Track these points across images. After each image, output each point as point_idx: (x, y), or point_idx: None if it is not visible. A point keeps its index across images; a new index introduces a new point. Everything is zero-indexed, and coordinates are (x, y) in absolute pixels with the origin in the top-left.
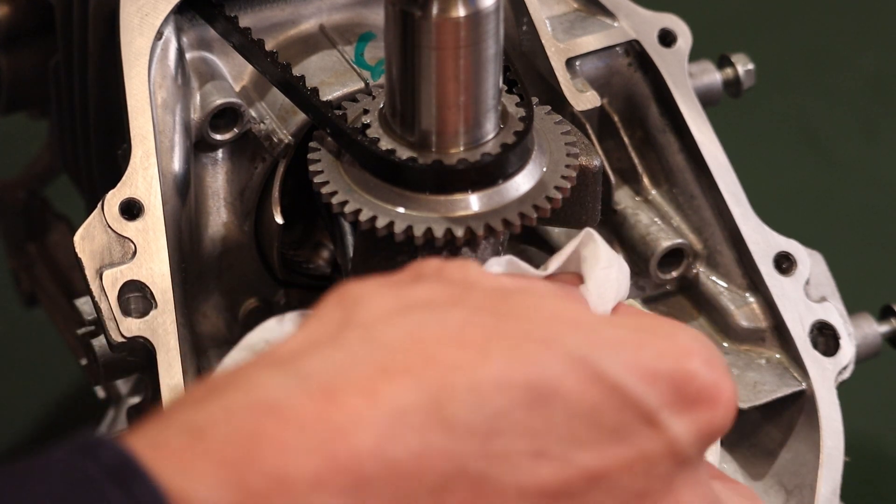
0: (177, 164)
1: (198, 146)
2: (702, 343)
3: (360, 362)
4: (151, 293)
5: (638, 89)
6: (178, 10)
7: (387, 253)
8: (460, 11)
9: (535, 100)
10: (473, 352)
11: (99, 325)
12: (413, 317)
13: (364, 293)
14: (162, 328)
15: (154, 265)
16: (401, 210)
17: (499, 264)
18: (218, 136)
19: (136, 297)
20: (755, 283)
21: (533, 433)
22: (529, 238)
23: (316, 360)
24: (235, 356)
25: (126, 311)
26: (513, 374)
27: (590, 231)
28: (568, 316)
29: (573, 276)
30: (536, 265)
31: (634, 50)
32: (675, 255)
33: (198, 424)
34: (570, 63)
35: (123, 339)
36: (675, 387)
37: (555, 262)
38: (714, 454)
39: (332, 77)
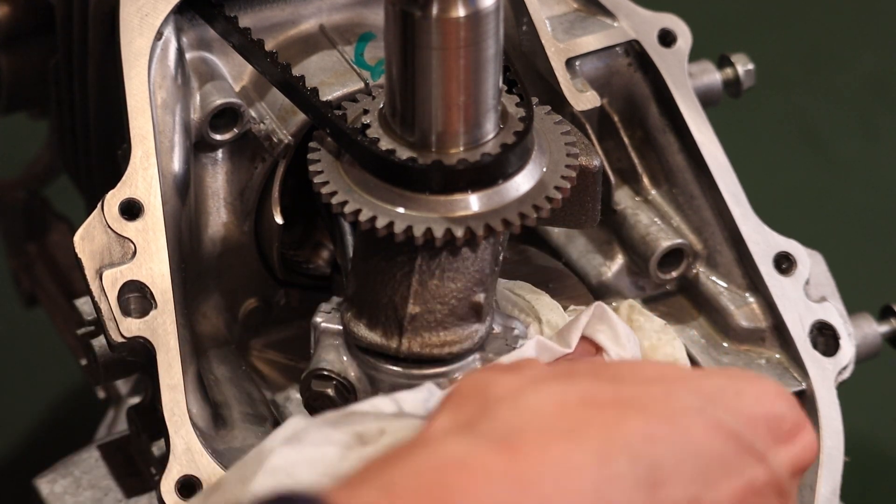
0: (177, 165)
1: (198, 146)
2: (780, 387)
3: (522, 425)
4: (151, 293)
5: (638, 89)
6: (177, 11)
7: (387, 253)
8: (460, 11)
9: (535, 100)
10: (612, 412)
11: (99, 326)
12: (546, 388)
13: (486, 378)
14: (162, 328)
15: (154, 265)
16: (401, 210)
17: (530, 347)
18: (218, 137)
19: (136, 297)
20: (755, 283)
21: (684, 479)
22: (529, 238)
23: (484, 426)
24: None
25: (126, 312)
26: (653, 429)
27: (601, 305)
28: (670, 375)
29: (589, 345)
30: (536, 264)
31: (634, 50)
32: (675, 256)
33: (389, 480)
34: (570, 63)
35: (123, 340)
36: (771, 427)
37: (574, 336)
38: None
39: (331, 77)
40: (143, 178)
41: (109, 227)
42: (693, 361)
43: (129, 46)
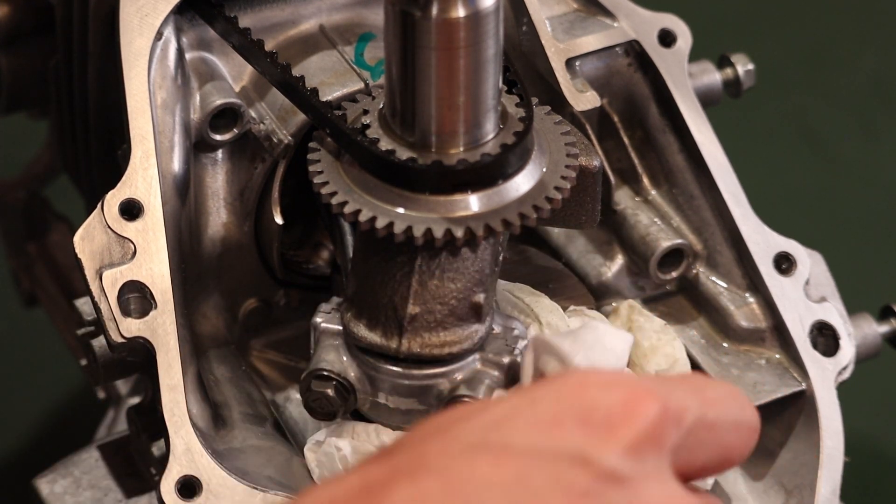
0: (176, 165)
1: (197, 146)
2: (595, 371)
3: None
4: (151, 293)
5: (638, 89)
6: (177, 11)
7: (387, 253)
8: (460, 12)
9: (534, 100)
10: (380, 489)
11: (99, 326)
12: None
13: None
14: (162, 328)
15: (154, 265)
16: (400, 210)
17: (530, 347)
18: (218, 137)
19: (136, 297)
20: (755, 284)
21: None
22: (529, 238)
23: None
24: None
25: (126, 312)
26: (421, 488)
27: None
28: (450, 420)
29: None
30: (536, 264)
31: (634, 50)
32: (675, 256)
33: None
34: (569, 63)
35: (123, 340)
36: (584, 420)
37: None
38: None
39: (331, 77)
40: (143, 179)
41: (109, 227)
42: (693, 361)
43: (129, 46)
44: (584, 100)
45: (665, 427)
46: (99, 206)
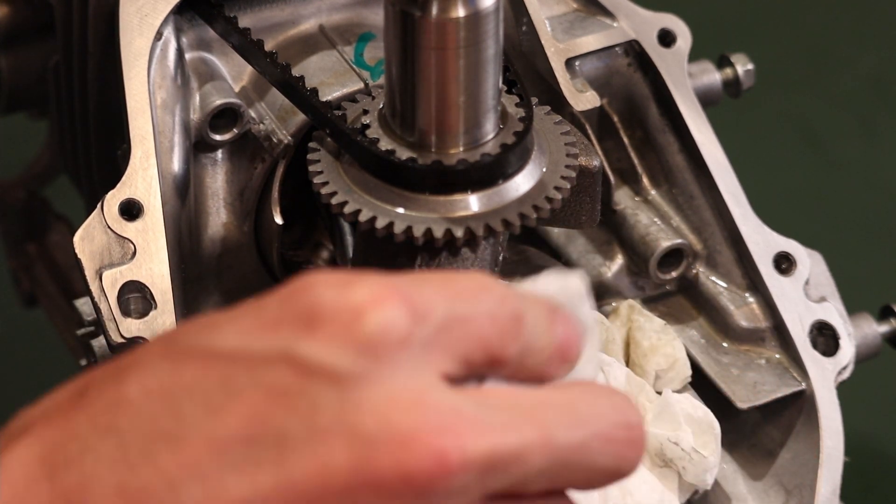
0: (176, 165)
1: (197, 147)
2: (333, 272)
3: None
4: (151, 294)
5: (637, 89)
6: (177, 11)
7: (386, 253)
8: (460, 11)
9: (534, 100)
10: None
11: (99, 326)
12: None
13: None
14: (162, 329)
15: (154, 266)
16: (400, 210)
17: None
18: (217, 137)
19: (136, 297)
20: (755, 284)
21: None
22: (529, 238)
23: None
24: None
25: (126, 312)
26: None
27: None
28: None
29: None
30: (536, 264)
31: (634, 50)
32: (674, 256)
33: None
34: (569, 63)
35: (123, 340)
36: (302, 322)
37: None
38: (591, 364)
39: (331, 77)
40: (143, 179)
41: (109, 227)
42: (693, 361)
43: (128, 47)
44: (583, 100)
45: (404, 324)
46: (99, 206)
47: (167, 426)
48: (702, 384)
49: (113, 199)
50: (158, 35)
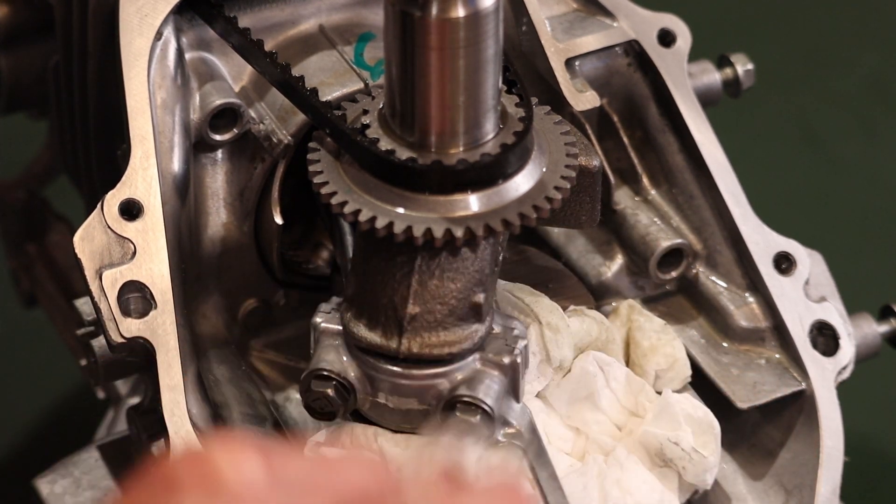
0: (176, 165)
1: (197, 146)
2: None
3: None
4: (151, 294)
5: (637, 89)
6: (177, 11)
7: (386, 253)
8: (460, 12)
9: (534, 100)
10: None
11: (98, 326)
12: None
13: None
14: (161, 329)
15: (154, 266)
16: (400, 210)
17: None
18: (217, 137)
19: (136, 297)
20: (755, 283)
21: None
22: (529, 238)
23: None
24: None
25: (126, 312)
26: None
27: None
28: None
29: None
30: (536, 264)
31: (634, 50)
32: (674, 255)
33: None
34: (569, 63)
35: (123, 340)
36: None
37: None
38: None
39: (331, 77)
40: (143, 179)
41: (109, 227)
42: (693, 361)
43: (128, 47)
44: (583, 100)
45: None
46: (99, 206)
47: None
48: (702, 384)
49: (113, 199)
50: (158, 35)
